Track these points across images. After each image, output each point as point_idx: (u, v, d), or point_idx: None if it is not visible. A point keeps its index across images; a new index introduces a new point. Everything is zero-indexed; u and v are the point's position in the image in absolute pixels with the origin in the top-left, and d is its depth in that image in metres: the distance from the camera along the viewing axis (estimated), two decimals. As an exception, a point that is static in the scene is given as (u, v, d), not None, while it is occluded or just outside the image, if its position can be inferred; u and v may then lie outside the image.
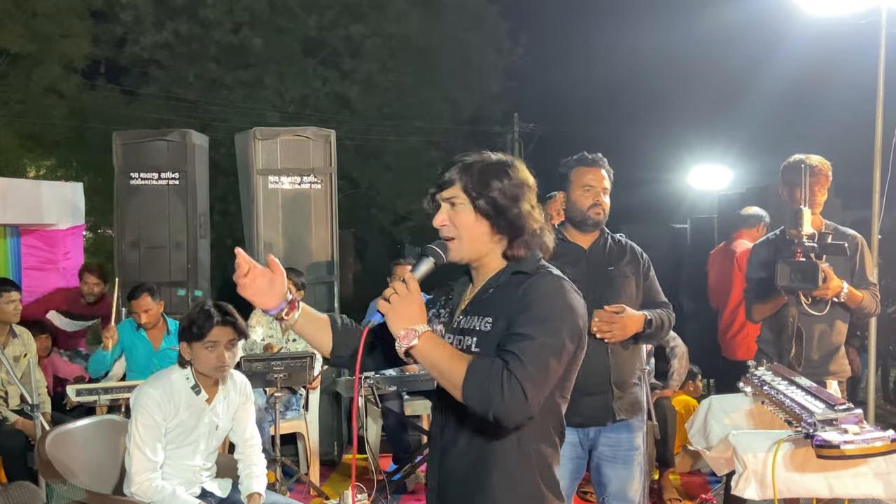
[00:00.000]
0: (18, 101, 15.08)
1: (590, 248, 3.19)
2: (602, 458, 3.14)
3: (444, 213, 1.90)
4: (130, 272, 6.15)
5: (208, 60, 16.87)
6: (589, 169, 3.16)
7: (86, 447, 3.46)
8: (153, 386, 3.36)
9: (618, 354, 3.10)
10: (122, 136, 6.27)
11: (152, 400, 3.31)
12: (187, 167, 6.21)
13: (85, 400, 4.68)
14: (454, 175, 1.89)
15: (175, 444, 3.37)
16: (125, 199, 6.20)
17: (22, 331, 5.07)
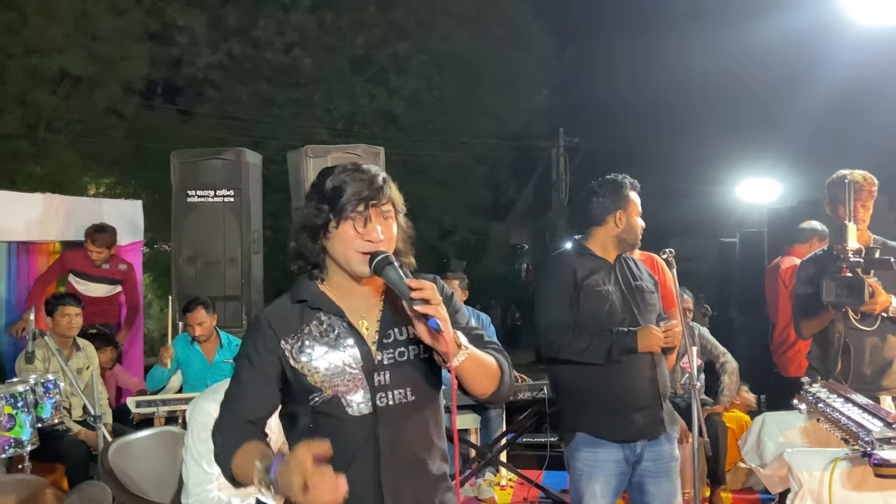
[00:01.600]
0: (80, 121, 15.52)
1: (615, 262, 3.20)
2: (645, 474, 3.08)
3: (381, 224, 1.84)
4: (187, 286, 6.26)
5: (260, 80, 17.19)
6: (638, 194, 3.24)
7: (146, 458, 3.53)
8: (208, 399, 3.41)
9: (660, 366, 3.09)
10: (179, 154, 6.42)
11: (207, 413, 3.35)
12: (242, 185, 6.32)
13: (144, 412, 4.78)
14: (382, 189, 1.84)
15: (231, 456, 3.41)
16: (182, 216, 6.33)
17: (86, 344, 5.20)
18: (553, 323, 3.10)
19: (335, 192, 1.80)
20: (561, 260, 3.25)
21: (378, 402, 1.84)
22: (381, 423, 1.84)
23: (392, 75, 18.02)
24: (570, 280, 3.11)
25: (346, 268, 1.85)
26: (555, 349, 3.10)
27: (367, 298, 1.91)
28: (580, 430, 3.09)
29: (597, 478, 3.05)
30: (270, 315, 1.91)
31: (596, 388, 3.05)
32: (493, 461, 5.23)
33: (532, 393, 5.01)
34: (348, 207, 1.79)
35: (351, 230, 1.80)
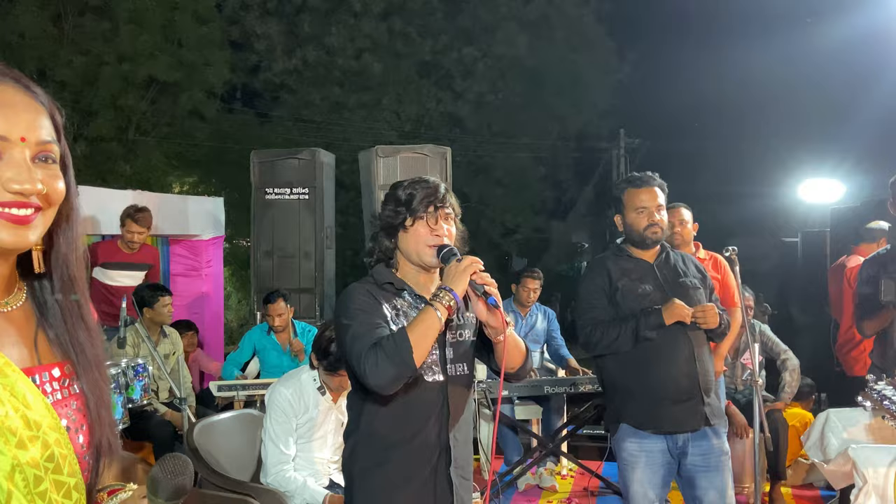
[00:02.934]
0: (166, 124, 15.99)
1: (655, 262, 3.15)
2: (695, 468, 3.03)
3: (447, 224, 2.16)
4: (264, 279, 6.41)
5: (332, 84, 17.43)
6: (639, 190, 3.13)
7: (227, 438, 3.63)
8: (285, 385, 3.49)
9: (703, 361, 3.03)
10: (258, 155, 6.57)
11: (284, 398, 3.44)
12: (316, 183, 6.44)
13: (225, 395, 4.92)
14: (447, 196, 2.16)
15: (305, 439, 3.48)
16: (261, 213, 6.48)
17: (171, 331, 5.37)
18: (587, 322, 3.12)
19: (409, 197, 2.14)
20: (597, 263, 3.27)
21: (449, 372, 2.17)
22: (449, 391, 2.16)
23: (458, 79, 18.05)
24: (605, 282, 3.12)
25: (417, 259, 2.17)
26: (592, 346, 3.14)
27: (432, 286, 2.19)
28: (623, 421, 3.09)
29: (641, 467, 3.04)
30: (364, 286, 2.19)
31: (636, 381, 3.04)
32: (555, 451, 5.20)
33: (592, 385, 4.98)
34: (420, 209, 2.12)
35: (423, 227, 2.13)
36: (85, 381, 1.13)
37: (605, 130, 20.01)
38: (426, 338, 2.00)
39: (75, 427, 1.08)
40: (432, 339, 2.02)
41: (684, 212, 4.26)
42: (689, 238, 4.24)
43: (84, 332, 1.15)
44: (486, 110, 18.25)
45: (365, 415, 2.18)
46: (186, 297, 6.87)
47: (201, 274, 7.10)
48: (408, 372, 2.00)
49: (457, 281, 2.00)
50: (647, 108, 19.45)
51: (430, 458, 2.14)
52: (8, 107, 1.03)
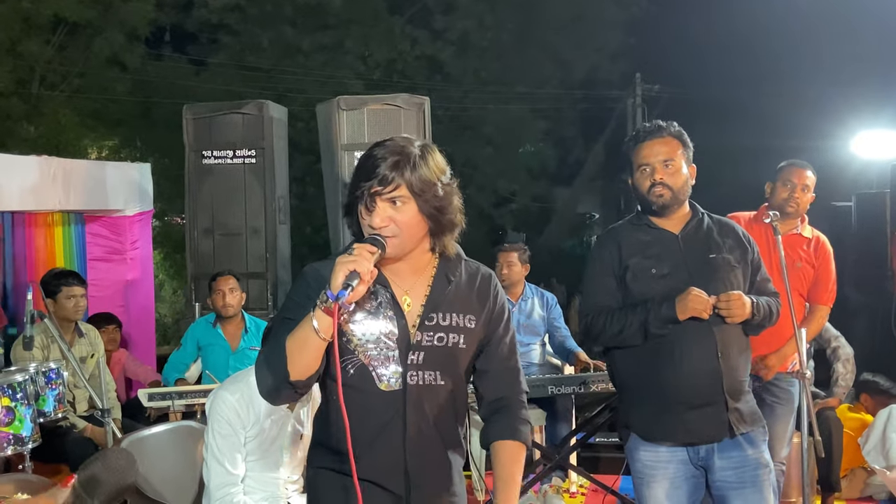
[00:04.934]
0: (78, 74, 15.83)
1: (681, 233, 3.11)
2: (725, 484, 3.02)
3: (386, 213, 2.08)
4: (204, 263, 6.39)
5: (283, 23, 17.26)
6: (643, 144, 3.10)
7: (162, 456, 3.62)
8: (230, 390, 3.45)
9: (729, 357, 3.00)
10: (192, 109, 6.52)
11: (229, 406, 3.40)
12: (265, 143, 6.41)
13: (158, 405, 4.90)
14: (395, 173, 2.06)
15: (256, 456, 3.46)
16: (197, 181, 6.44)
17: (89, 328, 5.33)
18: (589, 308, 3.12)
19: (355, 172, 2.13)
20: (607, 236, 3.26)
21: (408, 380, 2.14)
22: (409, 401, 2.14)
23: (437, 15, 17.94)
24: (614, 259, 3.11)
25: None
26: (593, 337, 3.14)
27: (414, 276, 2.20)
28: (630, 429, 3.10)
29: (660, 481, 3.04)
30: (319, 268, 2.18)
31: (646, 381, 3.04)
32: (562, 464, 5.22)
33: (605, 384, 4.95)
34: (356, 192, 2.10)
35: (363, 213, 2.11)
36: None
37: (618, 76, 19.97)
38: (302, 346, 2.01)
39: None
40: (312, 350, 2.01)
41: (810, 175, 4.19)
42: (804, 208, 4.20)
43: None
44: (471, 53, 18.17)
45: (321, 421, 2.25)
46: (107, 287, 6.83)
47: (125, 258, 7.05)
48: (283, 384, 2.05)
49: (333, 275, 1.96)
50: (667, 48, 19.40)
51: (384, 478, 2.16)
52: None
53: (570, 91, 19.88)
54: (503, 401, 2.30)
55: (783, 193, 4.16)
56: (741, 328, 3.07)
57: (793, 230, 4.20)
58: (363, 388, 2.12)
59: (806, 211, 4.24)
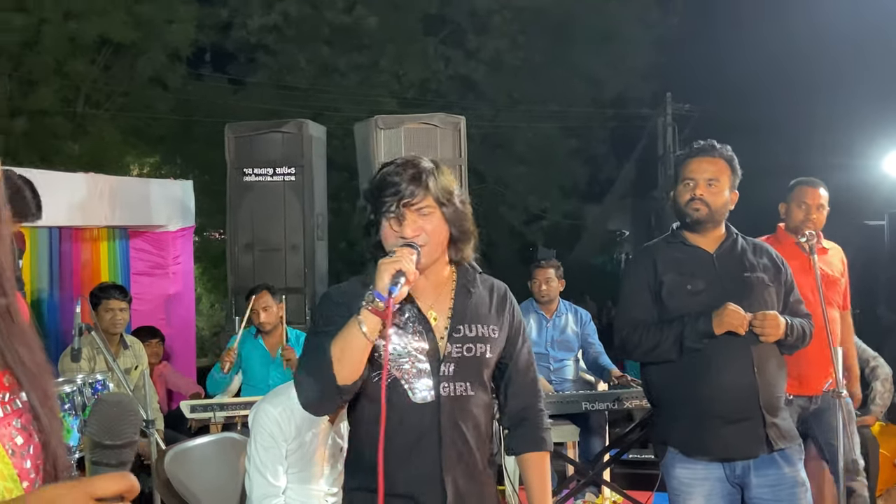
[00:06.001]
0: (122, 93, 16.02)
1: (717, 251, 3.11)
2: (762, 502, 3.00)
3: (416, 222, 2.13)
4: (244, 277, 6.42)
5: (320, 44, 17.41)
6: (692, 159, 3.11)
7: (205, 467, 3.64)
8: (272, 403, 3.48)
9: (765, 371, 2.98)
10: (234, 128, 6.57)
11: (271, 419, 3.42)
12: (304, 161, 6.44)
13: (200, 417, 4.93)
14: (419, 185, 2.13)
15: (297, 468, 3.47)
16: (238, 198, 6.49)
17: (133, 341, 5.38)
18: (625, 323, 3.12)
19: (376, 191, 2.17)
20: (644, 253, 3.26)
21: (441, 392, 2.17)
22: (443, 412, 2.17)
23: (470, 35, 18.00)
24: (650, 276, 3.11)
25: None
26: (628, 351, 3.15)
27: (435, 290, 2.25)
28: (669, 444, 3.08)
29: (696, 498, 3.02)
30: (342, 291, 2.25)
31: (684, 396, 3.02)
32: (596, 479, 5.19)
33: (639, 400, 4.92)
34: (383, 207, 2.14)
35: (388, 228, 2.15)
36: (32, 392, 1.12)
37: (648, 94, 19.91)
38: (348, 351, 2.03)
39: (20, 451, 1.08)
40: (358, 351, 2.03)
41: (823, 193, 4.15)
42: (820, 227, 4.15)
43: (19, 335, 1.14)
44: (504, 72, 18.20)
45: (354, 438, 2.27)
46: (150, 301, 6.88)
47: (168, 272, 7.11)
48: (331, 391, 2.06)
49: (378, 276, 2.00)
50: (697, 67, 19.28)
51: (420, 491, 2.17)
52: None
53: (601, 110, 19.84)
54: (525, 412, 2.37)
55: (799, 215, 4.12)
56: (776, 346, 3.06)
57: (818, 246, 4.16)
58: (396, 403, 2.13)
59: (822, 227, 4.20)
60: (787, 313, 3.10)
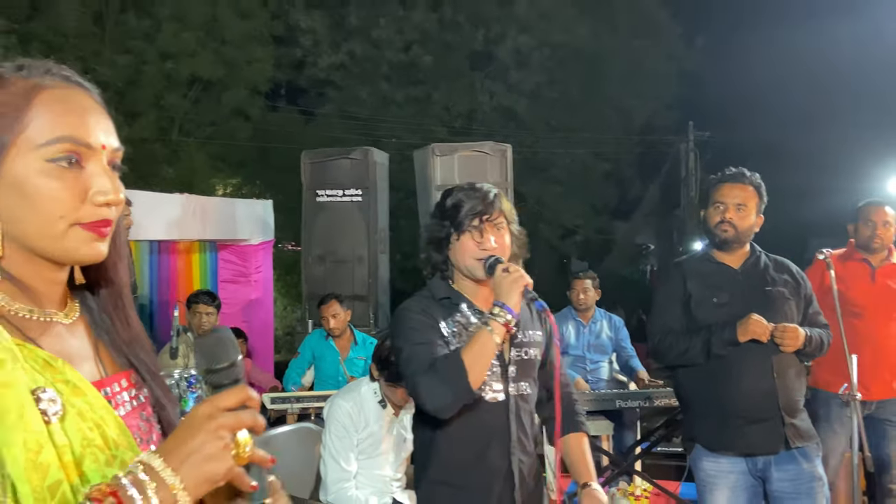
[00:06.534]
0: (209, 123, 16.29)
1: (741, 267, 3.05)
2: (783, 495, 2.92)
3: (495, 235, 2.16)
4: (316, 285, 6.47)
5: (380, 79, 17.55)
6: (723, 185, 3.06)
7: (285, 453, 3.66)
8: (345, 398, 3.51)
9: (785, 376, 2.92)
10: (309, 155, 6.64)
11: (344, 412, 3.46)
12: (369, 184, 6.48)
13: (278, 408, 4.97)
14: (493, 206, 2.16)
15: (366, 455, 3.50)
16: (312, 215, 6.55)
17: (222, 340, 5.44)
18: (658, 330, 3.08)
19: (454, 209, 2.17)
20: (675, 268, 3.21)
21: (511, 392, 2.18)
22: (511, 410, 2.17)
23: (512, 70, 17.99)
24: (679, 289, 3.06)
25: (468, 273, 2.19)
26: (661, 355, 3.10)
27: (491, 299, 2.17)
28: (696, 441, 3.03)
29: (721, 489, 2.96)
30: (420, 303, 2.22)
31: (710, 397, 2.97)
32: (628, 470, 5.13)
33: (668, 399, 4.87)
34: (465, 222, 2.13)
35: (469, 241, 2.15)
36: (155, 387, 1.15)
37: (672, 123, 19.71)
38: (481, 358, 2.02)
39: (146, 438, 1.09)
40: (488, 359, 2.03)
41: (889, 211, 4.03)
42: (889, 242, 4.03)
43: (137, 339, 1.16)
44: (542, 103, 18.15)
45: (429, 435, 2.21)
46: (234, 305, 6.98)
47: (250, 280, 7.21)
48: (464, 395, 2.03)
49: (508, 294, 2.02)
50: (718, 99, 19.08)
51: (494, 480, 2.16)
52: (86, 112, 1.04)
53: (630, 136, 19.68)
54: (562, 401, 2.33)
55: (866, 232, 4.01)
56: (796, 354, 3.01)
57: (886, 262, 4.06)
58: (472, 403, 2.12)
59: (891, 244, 4.06)
60: (807, 324, 3.04)
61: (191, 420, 0.95)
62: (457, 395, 2.02)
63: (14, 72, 1.03)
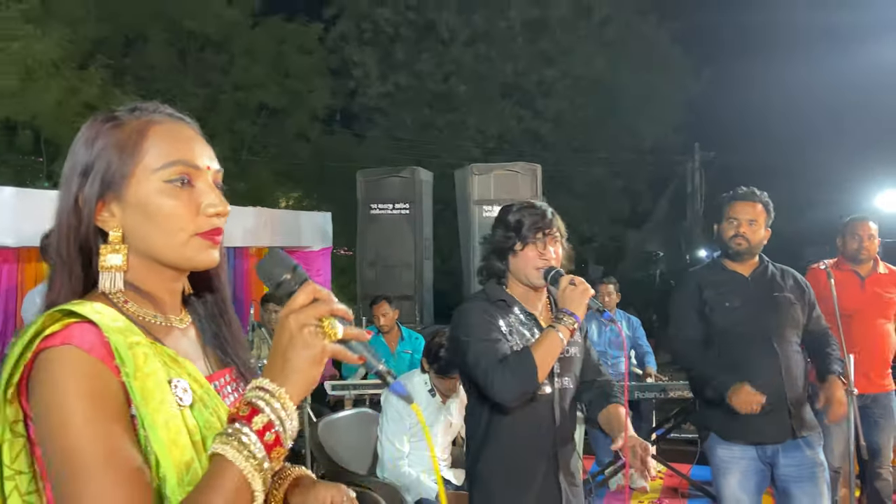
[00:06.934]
0: (274, 145, 16.52)
1: (751, 275, 3.00)
2: (788, 479, 2.88)
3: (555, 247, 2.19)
4: (369, 287, 6.52)
5: (422, 106, 17.61)
6: (736, 202, 3.02)
7: (347, 435, 3.70)
8: (399, 386, 3.53)
9: (792, 374, 2.87)
10: (364, 174, 6.70)
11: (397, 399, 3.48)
12: (415, 198, 6.52)
13: (337, 394, 5.01)
14: (553, 222, 2.19)
15: (418, 437, 3.51)
16: (365, 226, 6.60)
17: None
18: (679, 336, 3.06)
19: (518, 223, 2.18)
20: (689, 277, 3.16)
21: (556, 385, 2.18)
22: (556, 402, 2.18)
23: (538, 99, 17.94)
24: (695, 296, 3.01)
25: (526, 280, 2.19)
26: (686, 365, 3.10)
27: (539, 303, 2.25)
28: (711, 430, 2.98)
29: (734, 473, 2.92)
30: (480, 305, 2.21)
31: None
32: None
33: (681, 392, 4.85)
34: (529, 235, 2.16)
35: (532, 251, 2.16)
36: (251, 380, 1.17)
37: (680, 144, 19.48)
38: (549, 356, 2.04)
39: None
40: (554, 357, 2.05)
41: (872, 225, 3.98)
42: (874, 253, 3.97)
43: (237, 339, 1.18)
44: (565, 127, 18.07)
45: (485, 423, 2.21)
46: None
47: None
48: (532, 388, 2.05)
49: (577, 304, 2.04)
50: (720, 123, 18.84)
51: (541, 464, 2.16)
52: (191, 140, 1.08)
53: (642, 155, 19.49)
54: (597, 383, 2.36)
55: (853, 244, 3.94)
56: (803, 353, 2.96)
57: (874, 271, 3.98)
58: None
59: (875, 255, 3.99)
60: (812, 325, 3.02)
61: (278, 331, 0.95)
62: (525, 387, 2.04)
63: (128, 114, 1.08)
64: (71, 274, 1.05)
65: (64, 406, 0.90)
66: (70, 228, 1.04)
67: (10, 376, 0.94)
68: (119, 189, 1.04)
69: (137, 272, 1.06)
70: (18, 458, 0.96)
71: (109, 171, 1.04)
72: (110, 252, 1.04)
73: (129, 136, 1.05)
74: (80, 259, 1.05)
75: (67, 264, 1.05)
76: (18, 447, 0.96)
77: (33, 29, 10.43)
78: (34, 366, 0.93)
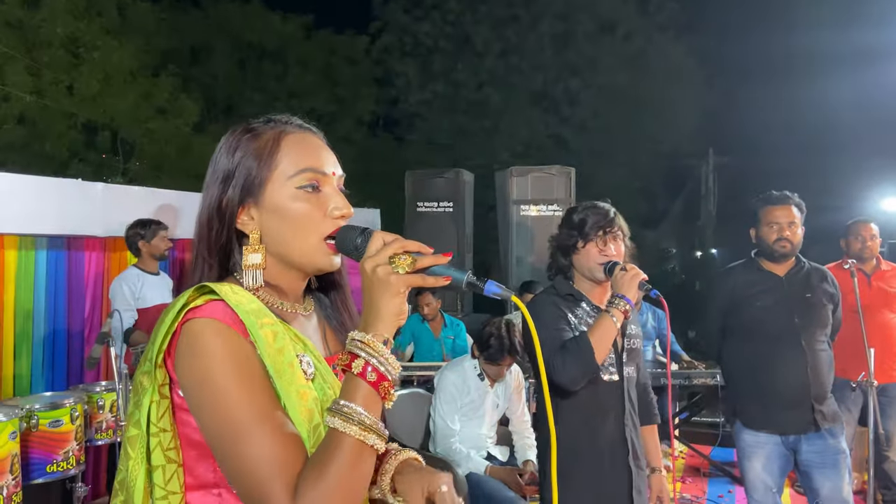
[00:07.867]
0: (323, 148, 16.63)
1: (786, 275, 2.91)
2: (811, 464, 2.83)
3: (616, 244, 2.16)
4: (415, 279, 6.53)
5: (458, 112, 17.58)
6: (774, 207, 2.91)
7: (402, 412, 3.72)
8: (452, 371, 3.54)
9: (818, 371, 2.80)
10: (412, 174, 6.71)
11: (451, 382, 3.49)
12: (458, 198, 6.51)
13: (388, 375, 5.02)
14: (616, 221, 2.17)
15: (467, 417, 3.52)
16: (413, 222, 6.61)
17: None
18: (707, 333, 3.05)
19: (581, 222, 2.17)
20: (725, 274, 3.09)
21: (623, 373, 2.15)
22: (623, 388, 2.14)
23: (564, 106, 17.81)
24: (727, 294, 2.95)
25: (589, 275, 2.18)
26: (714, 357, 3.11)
27: (604, 297, 2.21)
28: (738, 418, 2.93)
29: (758, 457, 2.87)
30: (549, 298, 2.20)
31: (751, 382, 2.87)
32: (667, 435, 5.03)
33: (704, 379, 4.79)
34: (591, 233, 2.15)
35: (594, 248, 2.15)
36: None
37: (695, 149, 19.20)
38: (605, 339, 2.01)
39: None
40: (610, 340, 2.02)
41: (874, 227, 3.95)
42: (876, 252, 3.94)
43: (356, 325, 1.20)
44: (588, 133, 17.92)
45: (555, 407, 2.18)
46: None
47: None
48: (591, 370, 2.01)
49: (627, 288, 2.01)
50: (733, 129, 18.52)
51: (611, 449, 2.13)
52: (319, 149, 1.10)
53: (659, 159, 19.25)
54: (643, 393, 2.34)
55: (856, 245, 3.89)
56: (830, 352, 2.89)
57: (877, 269, 3.91)
58: (594, 381, 2.11)
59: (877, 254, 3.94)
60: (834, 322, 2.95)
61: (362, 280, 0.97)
62: (585, 370, 2.02)
63: (263, 125, 1.10)
64: (210, 268, 1.07)
65: (213, 369, 0.92)
66: (212, 230, 1.06)
67: (162, 342, 0.96)
68: (258, 195, 1.05)
69: (271, 270, 1.08)
70: (164, 417, 0.99)
71: (249, 178, 1.05)
72: (251, 252, 1.05)
73: (266, 146, 1.07)
74: (218, 257, 1.07)
75: (207, 261, 1.07)
76: (164, 407, 0.99)
77: (112, 40, 10.62)
78: (181, 333, 0.95)
